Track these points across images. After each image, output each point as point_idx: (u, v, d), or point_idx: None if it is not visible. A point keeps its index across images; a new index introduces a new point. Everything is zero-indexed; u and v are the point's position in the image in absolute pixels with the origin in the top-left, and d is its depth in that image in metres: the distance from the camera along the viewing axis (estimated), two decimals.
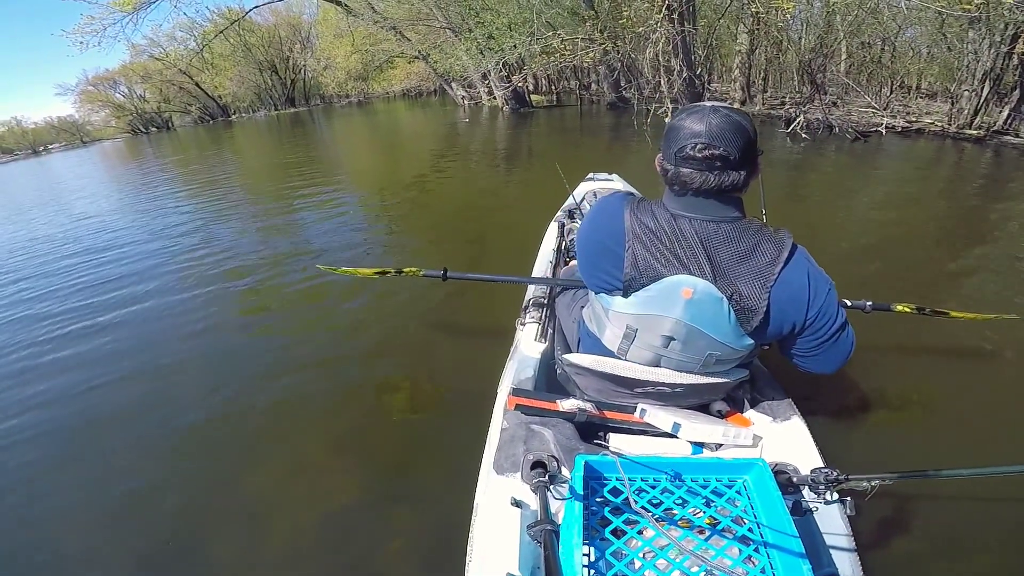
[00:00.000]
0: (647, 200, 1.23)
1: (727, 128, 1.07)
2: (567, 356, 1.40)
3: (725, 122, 1.08)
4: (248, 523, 1.92)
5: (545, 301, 2.02)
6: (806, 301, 1.13)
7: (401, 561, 1.70)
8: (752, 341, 1.18)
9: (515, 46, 12.32)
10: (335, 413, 2.50)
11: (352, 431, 2.36)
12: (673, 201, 1.17)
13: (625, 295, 1.19)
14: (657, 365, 1.27)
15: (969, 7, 6.86)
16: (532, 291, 2.14)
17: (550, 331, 1.86)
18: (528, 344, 1.77)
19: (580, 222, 2.61)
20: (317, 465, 2.17)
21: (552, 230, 2.83)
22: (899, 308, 1.99)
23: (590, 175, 3.67)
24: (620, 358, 1.30)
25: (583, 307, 1.48)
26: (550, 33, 11.88)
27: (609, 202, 1.25)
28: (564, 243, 2.66)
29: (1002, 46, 7.37)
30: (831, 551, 1.04)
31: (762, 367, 1.57)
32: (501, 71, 16.02)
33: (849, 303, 1.87)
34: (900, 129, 8.67)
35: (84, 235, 6.88)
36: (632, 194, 1.28)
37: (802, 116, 8.80)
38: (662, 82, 10.41)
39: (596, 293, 1.29)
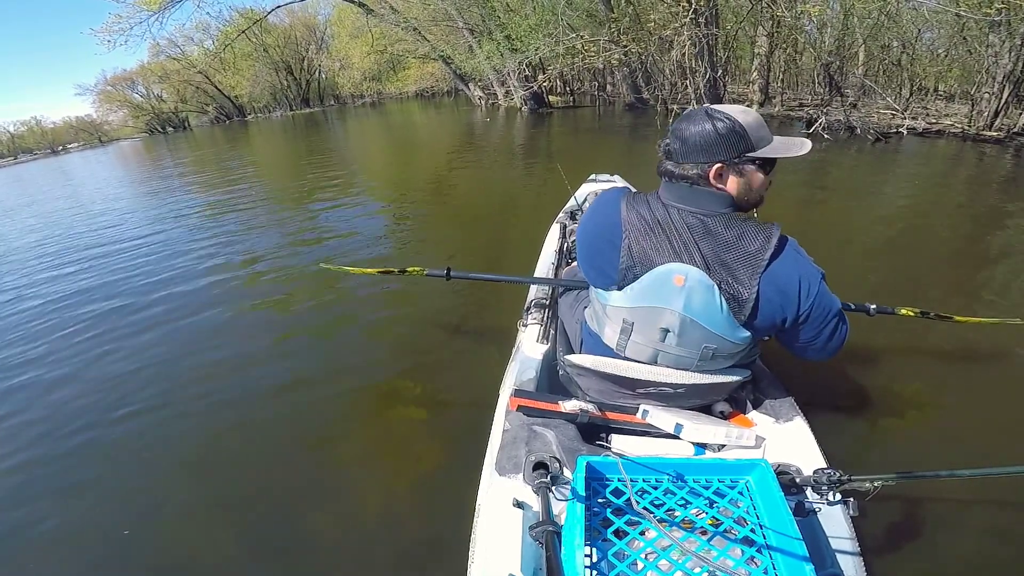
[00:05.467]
0: (643, 192, 1.26)
1: (695, 129, 1.13)
2: (569, 357, 1.40)
3: (699, 124, 1.13)
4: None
5: (547, 302, 2.02)
6: (798, 295, 1.13)
7: (402, 561, 1.69)
8: (748, 334, 1.19)
9: (538, 48, 12.37)
10: (335, 415, 2.49)
11: (352, 432, 2.37)
12: (665, 192, 1.21)
13: (620, 288, 1.21)
14: (655, 362, 1.27)
15: (990, 12, 6.79)
16: (534, 292, 2.14)
17: (552, 332, 1.86)
18: (530, 345, 1.78)
19: None
20: (312, 465, 2.16)
21: (554, 231, 2.82)
22: (903, 312, 1.96)
23: (592, 176, 3.69)
24: (620, 355, 1.30)
25: (585, 307, 1.48)
26: (572, 35, 11.88)
27: (606, 197, 1.29)
28: (566, 244, 2.65)
29: (1023, 49, 7.32)
30: (834, 552, 1.04)
31: (764, 368, 1.56)
32: (524, 71, 16.05)
33: (853, 306, 1.85)
34: (921, 130, 8.59)
35: (131, 238, 6.67)
36: (630, 189, 1.31)
37: (823, 118, 8.77)
38: (688, 83, 10.40)
39: (595, 289, 1.30)
